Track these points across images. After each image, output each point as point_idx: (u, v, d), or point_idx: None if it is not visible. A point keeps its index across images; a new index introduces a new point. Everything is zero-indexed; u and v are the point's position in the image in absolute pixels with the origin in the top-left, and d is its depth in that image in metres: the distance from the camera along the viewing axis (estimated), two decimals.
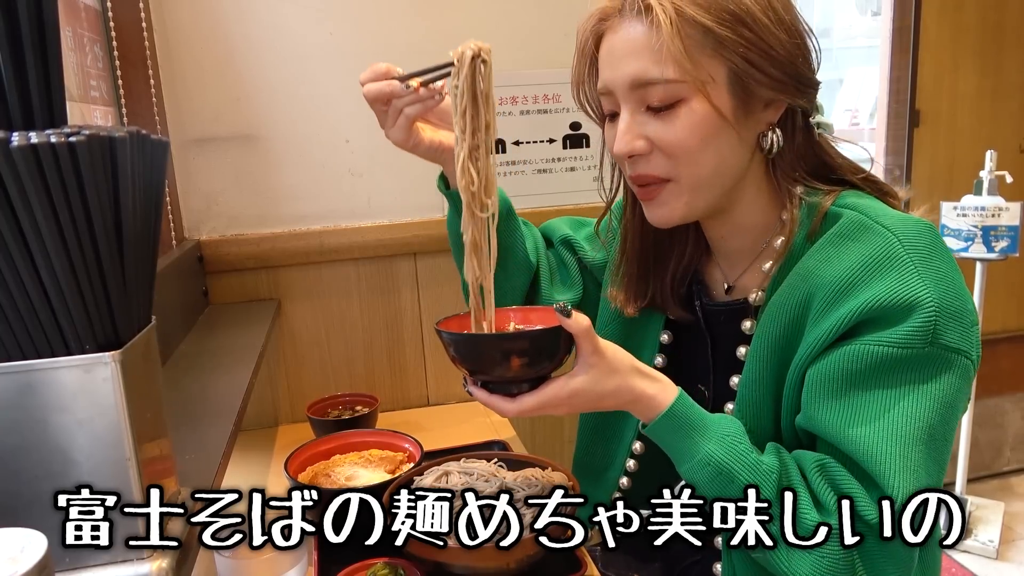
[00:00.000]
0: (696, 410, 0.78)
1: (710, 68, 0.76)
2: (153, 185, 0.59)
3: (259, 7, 1.39)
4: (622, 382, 0.76)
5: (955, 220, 2.29)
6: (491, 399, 0.77)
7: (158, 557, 0.55)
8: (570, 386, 0.75)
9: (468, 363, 0.77)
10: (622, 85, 0.80)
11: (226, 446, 0.83)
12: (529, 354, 0.74)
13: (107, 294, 0.53)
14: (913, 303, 0.70)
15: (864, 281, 0.73)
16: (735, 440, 0.75)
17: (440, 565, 0.86)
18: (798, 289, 0.79)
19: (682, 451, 0.77)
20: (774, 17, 0.76)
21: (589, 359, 0.75)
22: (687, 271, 0.96)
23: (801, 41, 0.78)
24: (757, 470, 0.73)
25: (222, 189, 1.44)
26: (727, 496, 0.73)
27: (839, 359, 0.74)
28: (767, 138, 0.81)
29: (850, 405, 0.73)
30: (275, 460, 1.34)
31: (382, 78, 0.88)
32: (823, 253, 0.78)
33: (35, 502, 0.53)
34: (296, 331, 1.50)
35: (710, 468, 0.75)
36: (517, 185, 1.57)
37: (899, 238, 0.74)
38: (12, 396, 0.51)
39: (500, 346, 0.75)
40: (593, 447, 1.07)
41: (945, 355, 0.71)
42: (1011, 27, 2.46)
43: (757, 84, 0.77)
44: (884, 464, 0.70)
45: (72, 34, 1.07)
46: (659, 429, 0.77)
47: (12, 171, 0.47)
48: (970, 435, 2.42)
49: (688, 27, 0.75)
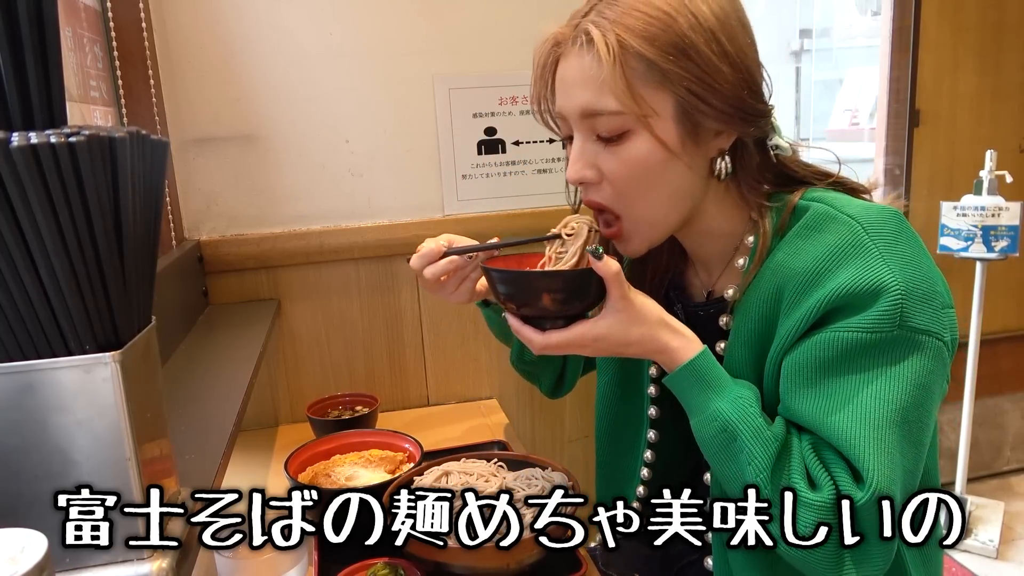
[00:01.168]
0: (717, 369, 0.79)
1: (656, 100, 0.77)
2: (153, 185, 0.59)
3: (259, 7, 1.39)
4: (648, 331, 0.78)
5: (955, 220, 2.29)
6: (522, 328, 0.80)
7: (158, 557, 0.55)
8: (596, 329, 0.78)
9: (506, 294, 0.82)
10: (573, 114, 0.81)
11: (226, 446, 0.83)
12: (561, 292, 0.78)
13: (107, 294, 0.53)
14: (879, 288, 0.71)
15: (831, 270, 0.74)
16: (747, 403, 0.76)
17: (440, 565, 0.86)
18: (769, 283, 0.80)
19: (695, 405, 0.79)
20: (718, 50, 0.76)
21: (617, 304, 0.77)
22: (664, 279, 0.98)
23: (746, 73, 0.78)
24: (760, 435, 0.74)
25: (222, 189, 1.44)
26: (727, 453, 0.76)
27: (811, 348, 0.75)
28: (718, 164, 0.82)
29: (824, 392, 0.74)
30: (275, 460, 1.34)
31: (435, 258, 0.93)
32: (792, 246, 0.79)
33: (35, 502, 0.53)
34: (296, 331, 1.50)
35: (716, 424, 0.76)
36: (517, 185, 1.57)
37: (863, 225, 0.75)
38: (12, 396, 0.51)
39: (535, 282, 0.79)
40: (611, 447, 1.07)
41: (914, 337, 0.72)
42: (1011, 27, 2.46)
43: (703, 116, 0.77)
44: (859, 447, 0.71)
45: (72, 34, 1.07)
46: (678, 380, 0.79)
47: (12, 171, 0.47)
48: (970, 435, 2.42)
49: (632, 60, 0.75)
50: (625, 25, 0.75)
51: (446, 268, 0.93)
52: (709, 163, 0.82)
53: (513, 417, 1.56)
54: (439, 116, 1.50)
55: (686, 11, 0.75)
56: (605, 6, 0.78)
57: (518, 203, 1.57)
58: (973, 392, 2.39)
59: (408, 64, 1.47)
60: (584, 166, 0.82)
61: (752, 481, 0.73)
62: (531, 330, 0.80)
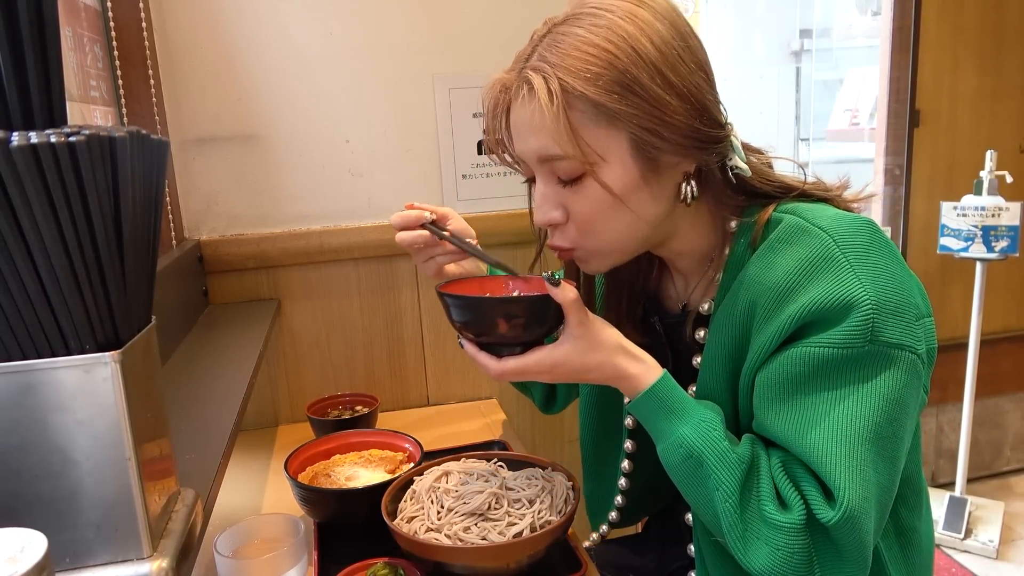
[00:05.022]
0: (677, 393, 0.78)
1: (609, 139, 0.75)
2: (153, 185, 0.59)
3: (259, 7, 1.39)
4: (606, 358, 0.78)
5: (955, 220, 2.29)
6: (478, 355, 0.80)
7: (158, 557, 0.55)
8: (554, 356, 0.77)
9: (461, 321, 0.81)
10: (530, 159, 0.81)
11: (226, 446, 0.83)
12: (518, 318, 0.77)
13: (107, 294, 0.53)
14: (850, 302, 0.70)
15: (802, 284, 0.73)
16: (710, 426, 0.76)
17: (440, 565, 0.86)
18: (742, 297, 0.79)
19: (660, 431, 0.78)
20: (662, 83, 0.73)
21: (575, 331, 0.77)
22: (641, 294, 0.97)
23: (695, 103, 0.76)
24: (726, 458, 0.74)
25: (222, 189, 1.44)
26: (695, 479, 0.75)
27: (784, 363, 0.74)
28: (683, 190, 0.80)
29: (797, 408, 0.73)
30: (275, 460, 1.34)
31: (413, 225, 0.96)
32: (764, 260, 0.78)
33: (35, 502, 0.53)
34: (296, 331, 1.50)
35: (682, 450, 0.75)
36: (517, 185, 1.56)
37: (834, 238, 0.74)
38: (12, 396, 0.51)
39: (491, 308, 0.79)
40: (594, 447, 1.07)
41: (886, 351, 0.71)
42: (1011, 27, 2.46)
43: (658, 151, 0.76)
44: (831, 465, 0.70)
45: (72, 34, 1.07)
46: (640, 407, 0.79)
47: (12, 171, 0.47)
48: (970, 435, 2.42)
49: (577, 103, 0.74)
50: (566, 68, 0.73)
51: (415, 239, 0.96)
52: (675, 188, 0.81)
53: (513, 417, 1.56)
54: (439, 116, 1.50)
55: (626, 46, 0.73)
56: (546, 49, 0.76)
57: (518, 203, 1.57)
58: (973, 392, 2.39)
59: (408, 64, 1.47)
60: (550, 208, 0.81)
61: (721, 507, 0.73)
62: (487, 356, 0.79)
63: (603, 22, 0.74)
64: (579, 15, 0.76)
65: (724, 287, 0.83)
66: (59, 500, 0.53)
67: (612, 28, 0.73)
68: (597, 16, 0.75)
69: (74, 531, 0.53)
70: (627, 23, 0.74)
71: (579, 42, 0.74)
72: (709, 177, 0.81)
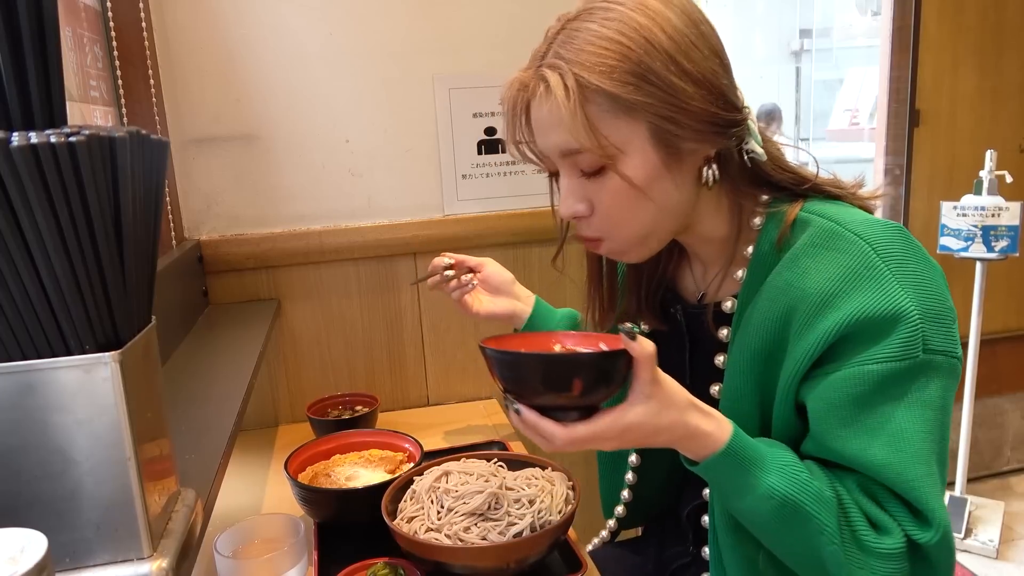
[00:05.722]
0: (750, 443, 0.75)
1: (630, 130, 0.76)
2: (153, 185, 0.59)
3: (259, 7, 1.39)
4: (679, 417, 0.72)
5: (955, 220, 2.29)
6: (541, 423, 0.70)
7: (158, 557, 0.55)
8: (626, 419, 0.70)
9: (518, 379, 0.71)
10: (552, 154, 0.80)
11: (226, 446, 0.83)
12: (592, 377, 0.69)
13: (107, 294, 0.53)
14: (897, 314, 0.70)
15: (845, 292, 0.73)
16: (794, 469, 0.74)
17: (440, 565, 0.86)
18: (778, 302, 0.78)
19: (740, 486, 0.74)
20: (677, 71, 0.74)
21: (647, 388, 0.70)
22: (661, 283, 0.97)
23: (712, 88, 0.76)
24: (822, 499, 0.72)
25: (222, 189, 1.44)
26: (791, 526, 0.73)
27: (841, 385, 0.73)
28: (704, 173, 0.80)
29: (864, 430, 0.73)
30: (275, 460, 1.34)
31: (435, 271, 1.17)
32: (800, 265, 0.77)
33: (35, 502, 0.53)
34: (296, 331, 1.50)
35: (773, 501, 0.72)
36: (517, 185, 1.57)
37: (872, 245, 0.74)
38: (12, 396, 0.51)
39: (562, 366, 0.69)
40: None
41: (935, 360, 0.72)
42: (1011, 27, 2.46)
43: (678, 138, 0.76)
44: (917, 486, 0.71)
45: (72, 34, 1.07)
46: (716, 466, 0.74)
47: (12, 171, 0.47)
48: (970, 435, 2.42)
49: (594, 96, 0.74)
50: (581, 63, 0.74)
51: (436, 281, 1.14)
52: (696, 174, 0.81)
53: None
54: (439, 116, 1.50)
55: (639, 37, 0.73)
56: (560, 45, 0.76)
57: (518, 203, 1.57)
58: (973, 392, 2.39)
59: (408, 64, 1.47)
60: (575, 201, 0.81)
61: (827, 549, 0.71)
62: (552, 424, 0.70)
63: (615, 15, 0.75)
64: (591, 10, 0.77)
65: (750, 287, 0.83)
66: (59, 500, 0.53)
67: (624, 20, 0.74)
68: (609, 10, 0.75)
69: (74, 531, 0.53)
70: (638, 14, 0.74)
71: (592, 36, 0.74)
72: (728, 161, 0.81)
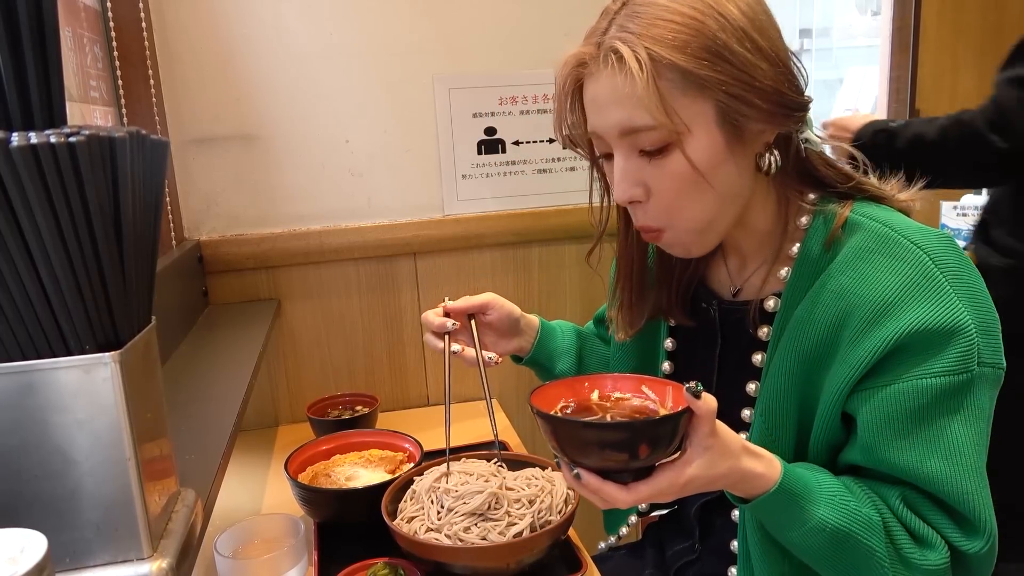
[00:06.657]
0: (798, 476, 0.74)
1: (696, 108, 0.74)
2: (153, 185, 0.59)
3: (259, 7, 1.39)
4: (735, 463, 0.71)
5: (955, 220, 2.29)
6: (604, 487, 0.69)
7: (158, 557, 0.55)
8: (686, 473, 0.69)
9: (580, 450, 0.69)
10: (611, 133, 0.78)
11: (226, 446, 0.83)
12: (662, 439, 0.68)
13: (107, 294, 0.53)
14: (955, 327, 0.71)
15: (904, 302, 0.72)
16: (842, 498, 0.74)
17: (440, 565, 0.86)
18: (832, 306, 0.77)
19: (791, 520, 0.74)
20: (752, 47, 0.73)
21: (705, 441, 0.69)
22: (693, 277, 0.96)
23: (783, 67, 0.75)
24: (871, 525, 0.73)
25: (222, 189, 1.44)
26: (842, 554, 0.73)
27: (898, 398, 0.73)
28: (764, 159, 0.79)
29: (920, 442, 0.73)
30: (275, 460, 1.34)
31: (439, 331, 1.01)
32: (856, 271, 0.76)
33: (35, 502, 0.53)
34: (296, 331, 1.50)
35: (825, 533, 0.73)
36: (517, 185, 1.57)
37: (930, 255, 0.74)
38: (12, 396, 0.51)
39: (637, 432, 0.68)
40: None
41: (986, 372, 0.73)
42: (1011, 27, 2.46)
43: (745, 118, 0.75)
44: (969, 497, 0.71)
45: (72, 34, 1.07)
46: (767, 504, 0.74)
47: (12, 171, 0.47)
48: None
49: (666, 71, 0.72)
50: (652, 37, 0.72)
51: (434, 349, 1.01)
52: (755, 159, 0.79)
53: (513, 417, 1.56)
54: (439, 116, 1.50)
55: (713, 12, 0.72)
56: (626, 19, 0.74)
57: (518, 203, 1.57)
58: None
59: (408, 64, 1.47)
60: (631, 184, 0.79)
61: (877, 571, 0.73)
62: (615, 487, 0.69)
63: None
64: None
65: (796, 287, 0.81)
66: (59, 500, 0.53)
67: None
68: None
69: (74, 531, 0.53)
70: None
71: (662, 11, 0.73)
72: (784, 150, 0.80)
